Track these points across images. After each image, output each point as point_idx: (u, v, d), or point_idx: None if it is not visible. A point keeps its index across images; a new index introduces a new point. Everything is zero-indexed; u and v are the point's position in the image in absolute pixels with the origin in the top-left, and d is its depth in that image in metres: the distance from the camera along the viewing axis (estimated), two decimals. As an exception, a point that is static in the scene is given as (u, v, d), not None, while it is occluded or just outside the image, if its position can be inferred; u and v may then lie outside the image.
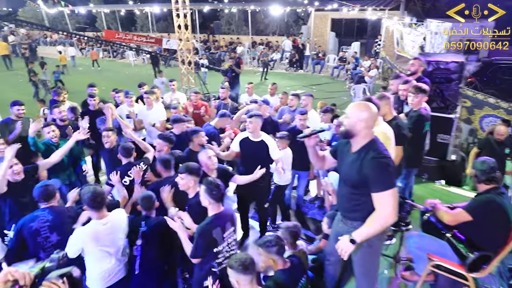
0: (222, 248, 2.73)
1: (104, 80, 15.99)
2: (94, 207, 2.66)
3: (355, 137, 2.37)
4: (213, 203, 2.69)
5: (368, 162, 2.28)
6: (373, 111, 2.36)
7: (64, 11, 24.75)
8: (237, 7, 20.81)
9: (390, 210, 2.21)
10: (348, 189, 2.48)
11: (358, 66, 14.65)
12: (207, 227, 2.65)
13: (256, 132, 4.05)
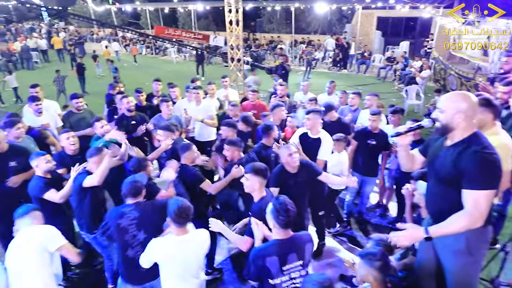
0: (281, 282, 2.29)
1: (148, 75, 16.36)
2: (177, 222, 2.45)
3: (453, 131, 2.08)
4: (279, 228, 2.30)
5: (469, 155, 1.98)
6: (473, 100, 2.04)
7: (111, 8, 25.62)
8: (280, 5, 20.50)
9: (481, 212, 1.93)
10: (442, 188, 2.17)
11: (408, 66, 14.00)
12: (260, 253, 2.29)
13: (314, 128, 3.88)
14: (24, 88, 12.11)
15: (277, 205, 2.26)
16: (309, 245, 2.39)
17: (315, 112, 3.84)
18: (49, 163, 3.30)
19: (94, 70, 16.76)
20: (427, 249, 2.31)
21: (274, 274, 2.26)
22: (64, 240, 2.62)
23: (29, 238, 2.50)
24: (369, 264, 2.11)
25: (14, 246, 2.51)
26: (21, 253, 2.48)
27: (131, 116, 4.90)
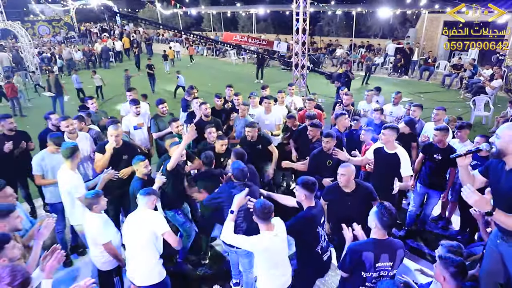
0: (372, 276, 2.65)
1: (209, 76, 17.34)
2: (262, 219, 2.83)
3: (508, 156, 2.37)
4: (379, 228, 2.65)
5: None
6: None
7: (178, 12, 27.30)
8: (342, 9, 20.47)
9: None
10: (507, 206, 2.36)
11: (476, 74, 13.29)
12: (359, 247, 2.67)
13: (389, 143, 4.04)
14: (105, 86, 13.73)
15: (382, 208, 2.61)
16: (400, 251, 2.71)
17: (391, 129, 4.00)
18: (147, 168, 3.95)
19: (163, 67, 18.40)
20: (495, 259, 2.54)
21: (367, 268, 2.61)
22: (167, 227, 3.18)
23: (142, 221, 3.13)
24: (445, 267, 2.39)
25: (131, 224, 3.17)
26: (135, 231, 3.12)
27: (207, 121, 5.48)
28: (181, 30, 20.91)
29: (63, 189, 3.82)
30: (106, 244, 3.23)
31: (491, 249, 2.60)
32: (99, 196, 3.27)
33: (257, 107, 6.16)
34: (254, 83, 15.82)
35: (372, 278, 2.64)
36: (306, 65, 9.56)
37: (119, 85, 13.94)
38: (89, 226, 3.28)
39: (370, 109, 6.41)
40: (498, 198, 2.51)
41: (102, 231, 3.23)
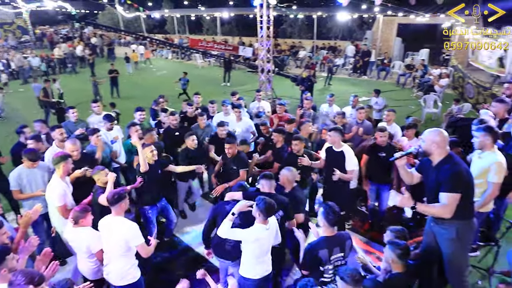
0: (328, 269, 3.02)
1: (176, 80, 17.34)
2: (265, 215, 3.07)
3: (432, 155, 2.92)
4: (327, 226, 3.02)
5: (444, 170, 2.83)
6: (444, 135, 2.90)
7: (140, 15, 26.89)
8: (303, 13, 21.22)
9: (450, 209, 2.76)
10: (435, 195, 2.91)
11: (427, 74, 14.36)
12: (314, 247, 3.00)
13: (336, 143, 4.55)
14: (70, 92, 13.31)
15: (327, 207, 3.00)
16: (348, 241, 3.11)
17: (335, 130, 4.48)
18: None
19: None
20: (430, 239, 3.12)
21: (324, 262, 2.99)
22: (141, 239, 3.25)
23: (117, 230, 3.21)
24: (392, 250, 2.88)
25: (106, 230, 3.28)
26: (109, 237, 3.25)
27: (175, 129, 5.84)
28: (143, 35, 20.67)
29: (48, 195, 3.92)
30: (99, 252, 3.32)
31: (428, 231, 3.17)
32: (88, 211, 3.36)
33: (229, 115, 6.42)
34: (221, 86, 16.09)
35: (329, 270, 3.03)
36: (271, 69, 9.99)
37: (84, 92, 13.68)
38: (79, 237, 3.35)
39: (332, 112, 6.95)
40: (428, 189, 3.06)
41: (94, 240, 3.31)
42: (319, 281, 3.01)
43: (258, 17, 9.34)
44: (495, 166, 3.29)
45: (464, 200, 2.78)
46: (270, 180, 3.63)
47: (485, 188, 3.40)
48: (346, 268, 2.71)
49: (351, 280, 2.55)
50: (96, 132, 5.01)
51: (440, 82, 12.29)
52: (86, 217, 3.34)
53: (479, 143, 3.42)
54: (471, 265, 4.01)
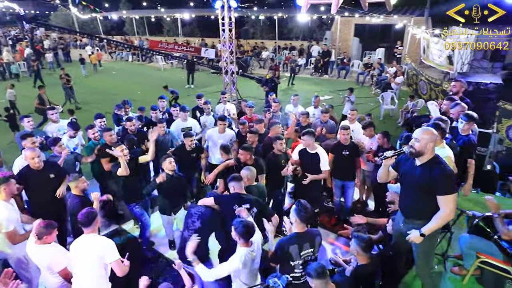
0: (298, 263, 3.13)
1: (137, 83, 16.91)
2: (244, 238, 3.01)
3: (423, 155, 2.96)
4: (298, 223, 3.12)
5: (436, 172, 2.89)
6: (435, 133, 3.02)
7: (97, 16, 25.89)
8: (264, 14, 21.46)
9: (451, 209, 2.87)
10: (415, 193, 3.09)
11: (384, 72, 15.06)
12: (285, 242, 3.13)
13: (310, 146, 4.74)
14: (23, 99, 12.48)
15: (299, 205, 3.10)
16: (318, 238, 3.24)
17: (308, 134, 4.63)
18: (85, 184, 4.12)
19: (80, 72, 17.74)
20: (400, 236, 3.32)
21: (294, 257, 3.11)
22: (116, 256, 3.13)
23: (91, 248, 3.11)
24: (357, 243, 3.09)
25: (79, 249, 3.16)
26: (83, 257, 3.13)
27: (133, 133, 5.82)
28: (100, 37, 19.92)
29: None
30: (63, 270, 3.22)
31: (397, 229, 3.37)
32: (53, 227, 3.24)
33: (187, 121, 6.41)
34: (185, 88, 15.93)
35: (299, 265, 3.15)
36: (235, 71, 10.06)
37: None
38: (41, 254, 3.22)
39: (297, 112, 7.14)
40: (408, 187, 3.21)
41: (57, 257, 3.22)
42: (290, 276, 3.11)
43: (220, 19, 9.37)
44: (445, 160, 3.58)
45: (435, 199, 2.94)
46: (239, 181, 3.71)
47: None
48: (312, 264, 2.85)
49: (315, 274, 2.70)
50: (57, 141, 4.83)
51: (396, 80, 12.96)
52: (51, 234, 3.20)
53: None
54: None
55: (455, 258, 4.10)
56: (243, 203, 3.60)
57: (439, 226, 2.97)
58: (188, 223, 3.69)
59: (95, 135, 5.35)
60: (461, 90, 5.13)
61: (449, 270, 4.06)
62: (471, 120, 4.20)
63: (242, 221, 3.02)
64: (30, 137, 4.75)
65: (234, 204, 3.59)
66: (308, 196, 4.41)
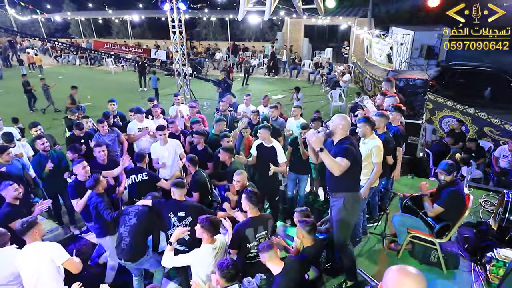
0: (253, 245, 3.43)
1: (87, 88, 16.23)
2: (211, 232, 3.20)
3: (334, 136, 3.45)
4: (252, 208, 3.43)
5: (340, 146, 3.36)
6: (348, 120, 3.45)
7: (38, 18, 24.40)
8: (216, 16, 21.56)
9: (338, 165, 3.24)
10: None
11: (332, 71, 15.86)
12: (241, 227, 3.41)
13: (266, 140, 4.99)
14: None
15: (249, 192, 3.41)
16: (270, 221, 3.58)
17: (264, 128, 4.91)
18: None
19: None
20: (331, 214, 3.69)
21: (250, 240, 3.40)
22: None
23: (39, 254, 3.08)
24: (302, 227, 3.38)
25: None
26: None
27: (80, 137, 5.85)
28: (46, 38, 18.86)
29: None
30: (69, 260, 3.18)
31: (330, 207, 3.73)
32: (36, 222, 3.19)
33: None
34: (138, 91, 15.61)
35: (254, 246, 3.44)
36: (188, 73, 10.12)
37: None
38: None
39: (249, 111, 7.39)
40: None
41: (58, 250, 3.16)
42: (246, 258, 3.41)
43: (170, 21, 9.38)
44: (375, 149, 4.02)
45: (351, 175, 3.33)
46: (181, 188, 3.83)
47: (371, 168, 4.12)
48: (265, 242, 3.10)
49: (261, 249, 2.98)
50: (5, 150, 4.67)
51: (343, 78, 13.71)
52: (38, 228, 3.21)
53: (361, 131, 4.11)
54: (370, 232, 4.82)
55: (392, 236, 4.58)
56: (179, 211, 3.77)
57: (327, 163, 3.24)
58: (125, 220, 3.76)
59: (45, 146, 5.12)
60: (392, 90, 5.62)
61: (387, 247, 4.53)
62: (398, 111, 4.72)
63: (209, 217, 3.20)
64: None
65: (170, 211, 3.78)
66: (267, 188, 4.88)
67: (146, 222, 3.72)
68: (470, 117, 8.35)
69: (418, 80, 5.97)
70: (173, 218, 3.77)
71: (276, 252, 2.97)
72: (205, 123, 6.71)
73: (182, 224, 3.73)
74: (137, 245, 3.66)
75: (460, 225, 4.02)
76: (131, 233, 3.66)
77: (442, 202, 3.86)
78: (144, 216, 3.74)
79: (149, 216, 3.77)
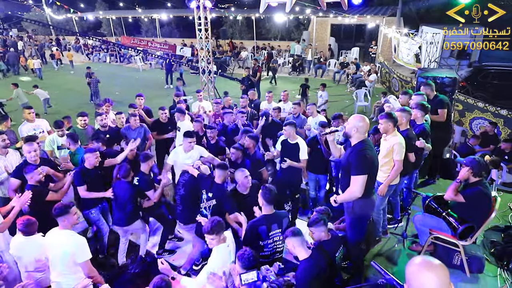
0: (267, 243, 3.37)
1: (116, 84, 16.80)
2: (219, 233, 3.16)
3: (351, 138, 3.37)
4: (265, 205, 3.38)
5: (354, 153, 3.29)
6: (366, 121, 3.34)
7: (72, 17, 25.48)
8: (242, 15, 21.69)
9: (356, 189, 3.24)
10: (344, 173, 3.47)
11: (358, 70, 15.61)
12: (255, 224, 3.37)
13: (291, 136, 4.98)
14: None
15: (264, 188, 3.38)
16: (285, 219, 3.50)
17: (290, 125, 4.88)
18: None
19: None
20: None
21: (264, 237, 3.35)
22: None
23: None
24: (316, 228, 3.29)
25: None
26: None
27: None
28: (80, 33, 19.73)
29: None
30: (87, 261, 3.25)
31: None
32: (71, 206, 3.32)
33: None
34: (164, 88, 15.98)
35: (268, 244, 3.40)
36: (212, 70, 10.26)
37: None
38: (63, 245, 3.21)
39: (271, 109, 7.41)
40: (342, 165, 3.61)
41: (83, 247, 3.25)
42: (259, 255, 3.34)
43: (196, 19, 9.54)
44: (397, 146, 3.92)
45: (367, 181, 3.28)
46: (224, 171, 4.00)
47: (391, 165, 4.03)
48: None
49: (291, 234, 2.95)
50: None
51: (369, 78, 13.47)
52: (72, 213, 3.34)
53: (383, 128, 4.02)
54: (390, 232, 4.71)
55: (412, 237, 4.46)
56: (210, 191, 3.93)
57: (345, 199, 3.38)
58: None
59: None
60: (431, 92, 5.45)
61: (407, 248, 4.42)
62: (421, 109, 4.58)
63: (212, 219, 3.18)
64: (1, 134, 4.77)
65: (204, 188, 3.99)
66: (289, 184, 4.89)
67: (191, 192, 4.11)
68: (502, 119, 7.99)
69: (446, 78, 5.76)
70: (204, 195, 3.97)
71: (304, 240, 2.97)
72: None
73: (208, 203, 3.94)
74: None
75: (486, 228, 3.86)
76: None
77: (467, 196, 3.72)
78: (189, 188, 4.13)
79: (193, 186, 4.12)
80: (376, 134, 4.91)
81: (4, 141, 4.74)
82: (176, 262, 4.58)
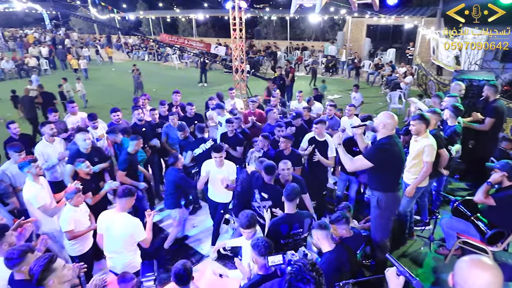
0: (288, 242, 3.41)
1: (153, 81, 17.50)
2: (255, 226, 3.30)
3: (377, 133, 3.43)
4: (288, 204, 3.45)
5: (375, 144, 3.43)
6: (395, 119, 3.36)
7: (115, 17, 26.77)
8: (276, 15, 21.81)
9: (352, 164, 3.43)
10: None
11: (394, 72, 15.23)
12: (276, 221, 3.46)
13: (320, 134, 5.09)
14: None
15: (288, 188, 3.45)
16: (307, 219, 3.51)
17: (321, 123, 5.01)
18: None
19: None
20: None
21: (284, 235, 3.42)
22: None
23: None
24: (338, 225, 3.37)
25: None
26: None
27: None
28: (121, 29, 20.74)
29: (24, 198, 4.04)
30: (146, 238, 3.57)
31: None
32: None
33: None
34: (198, 86, 16.45)
35: (289, 243, 3.44)
36: (246, 70, 10.47)
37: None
38: (125, 224, 3.48)
39: (301, 108, 7.50)
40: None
41: (139, 228, 3.53)
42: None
43: (231, 19, 9.79)
44: (428, 148, 3.90)
45: (387, 175, 3.35)
46: (271, 175, 4.02)
47: (420, 167, 4.01)
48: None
49: (318, 226, 3.03)
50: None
51: (405, 80, 13.13)
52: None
53: (415, 129, 4.00)
54: (417, 235, 4.67)
55: (440, 240, 4.40)
56: (263, 191, 4.03)
57: (342, 158, 3.51)
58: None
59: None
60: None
61: (433, 251, 4.36)
62: (455, 112, 4.50)
63: (243, 213, 3.28)
64: (48, 123, 5.20)
65: (256, 188, 4.08)
66: (316, 180, 5.00)
67: (246, 189, 4.27)
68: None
69: (483, 81, 5.57)
70: (257, 195, 4.09)
71: (329, 234, 3.04)
72: (262, 117, 6.88)
73: (263, 204, 4.02)
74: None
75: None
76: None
77: (499, 199, 3.63)
78: (243, 184, 4.32)
79: (247, 184, 4.28)
80: (407, 135, 4.87)
81: (52, 130, 5.16)
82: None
